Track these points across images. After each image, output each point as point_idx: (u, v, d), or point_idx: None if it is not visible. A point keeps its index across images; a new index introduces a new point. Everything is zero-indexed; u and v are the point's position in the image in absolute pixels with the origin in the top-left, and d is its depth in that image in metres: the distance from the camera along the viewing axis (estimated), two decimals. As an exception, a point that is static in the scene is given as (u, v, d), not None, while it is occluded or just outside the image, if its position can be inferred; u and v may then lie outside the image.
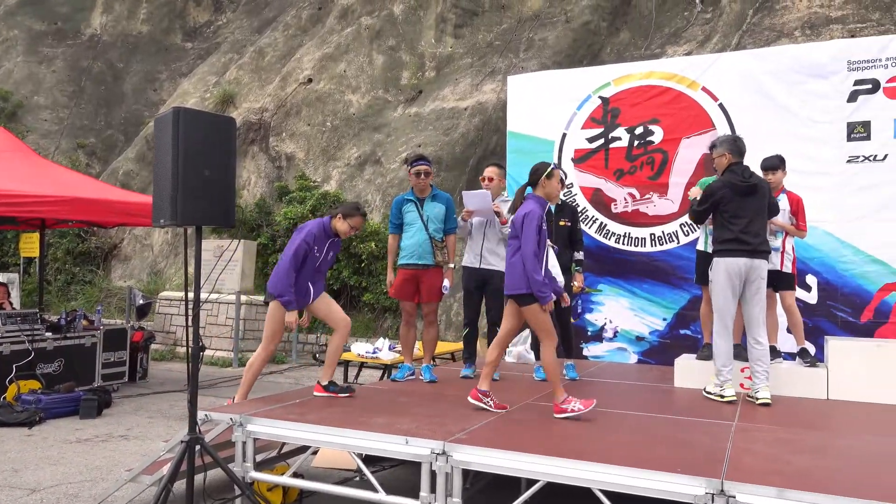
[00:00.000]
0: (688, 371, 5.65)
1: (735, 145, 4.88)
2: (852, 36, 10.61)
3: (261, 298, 11.65)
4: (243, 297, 11.11)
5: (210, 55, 18.53)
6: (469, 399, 4.29)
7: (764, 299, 4.79)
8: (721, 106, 6.88)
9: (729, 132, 6.84)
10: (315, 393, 4.67)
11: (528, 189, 4.29)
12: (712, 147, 5.01)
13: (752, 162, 6.00)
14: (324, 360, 5.27)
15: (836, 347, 5.35)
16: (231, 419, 3.91)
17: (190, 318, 5.56)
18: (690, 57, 7.99)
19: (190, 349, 5.61)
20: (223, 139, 3.74)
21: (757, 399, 4.73)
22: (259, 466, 4.04)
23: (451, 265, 5.59)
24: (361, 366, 7.14)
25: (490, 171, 5.66)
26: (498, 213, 5.54)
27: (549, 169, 4.24)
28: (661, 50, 12.28)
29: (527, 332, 7.05)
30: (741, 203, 4.75)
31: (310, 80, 15.05)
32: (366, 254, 11.50)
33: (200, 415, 3.92)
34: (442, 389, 5.08)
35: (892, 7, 10.99)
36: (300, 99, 14.87)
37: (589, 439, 3.58)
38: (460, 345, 7.49)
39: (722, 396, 4.79)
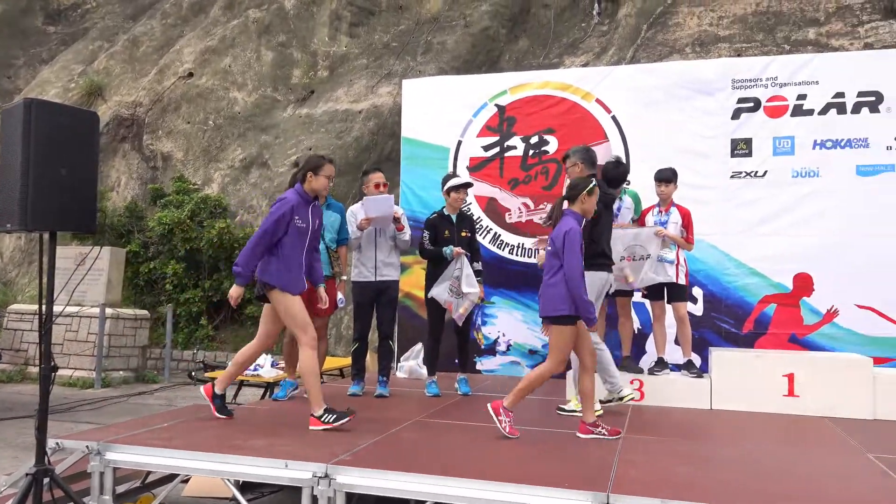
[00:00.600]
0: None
1: (587, 155, 4.99)
2: (738, 55, 11.37)
3: (130, 311, 11.00)
4: (109, 311, 10.42)
5: (76, 41, 17.43)
6: (579, 435, 4.11)
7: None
8: (614, 118, 7.16)
9: (622, 144, 7.14)
10: (311, 427, 4.12)
11: (565, 203, 4.20)
12: (565, 157, 5.11)
13: (644, 174, 6.28)
14: (202, 378, 4.98)
15: (718, 358, 5.66)
16: (87, 447, 3.63)
17: (42, 335, 5.13)
18: (586, 68, 8.30)
19: (41, 369, 5.19)
20: (84, 135, 3.52)
21: (623, 398, 4.94)
22: (120, 498, 3.77)
23: (344, 277, 5.48)
24: (241, 384, 6.86)
25: (381, 177, 5.60)
26: (397, 219, 5.49)
27: (591, 185, 4.18)
28: (559, 60, 12.69)
29: (419, 346, 7.02)
30: (605, 217, 4.88)
31: (190, 75, 14.45)
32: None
33: (51, 443, 3.62)
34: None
35: (775, 29, 11.87)
36: (179, 94, 14.24)
37: (478, 457, 3.58)
38: (349, 360, 7.36)
39: (621, 399, 4.97)
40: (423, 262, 5.71)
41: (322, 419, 4.12)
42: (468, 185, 5.65)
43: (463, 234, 5.60)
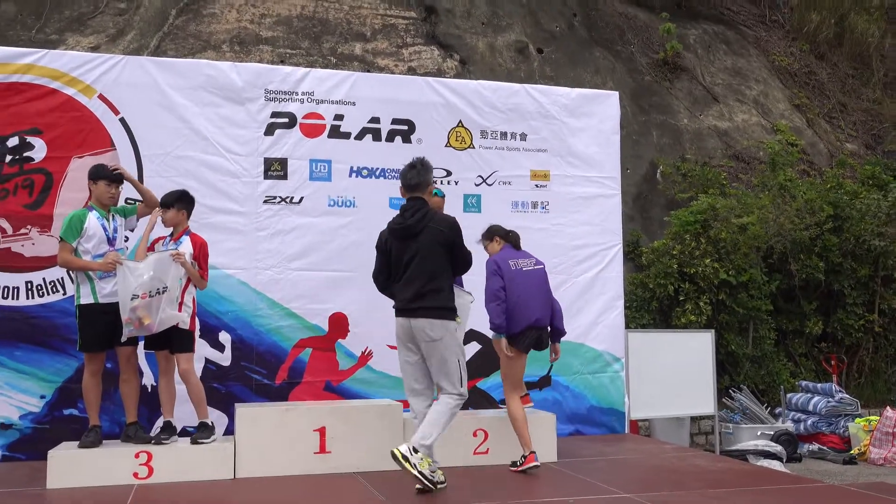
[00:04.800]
0: (69, 465, 5.52)
1: (403, 175, 5.54)
2: (282, 62, 12.25)
3: None
4: None
5: None
6: None
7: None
8: (123, 121, 7.05)
9: (133, 155, 7.07)
10: None
11: None
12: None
13: (159, 194, 6.31)
14: None
15: (243, 416, 5.96)
16: None
17: None
18: (88, 54, 8.02)
19: None
20: None
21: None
22: None
23: None
24: None
25: None
26: None
27: None
28: (59, 37, 12.03)
29: None
30: (401, 250, 5.27)
31: None
32: None
33: None
34: None
35: (321, 39, 13.13)
36: None
37: None
38: None
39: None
40: None
41: None
42: None
43: None
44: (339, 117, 7.58)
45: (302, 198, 7.43)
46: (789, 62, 16.56)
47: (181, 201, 6.08)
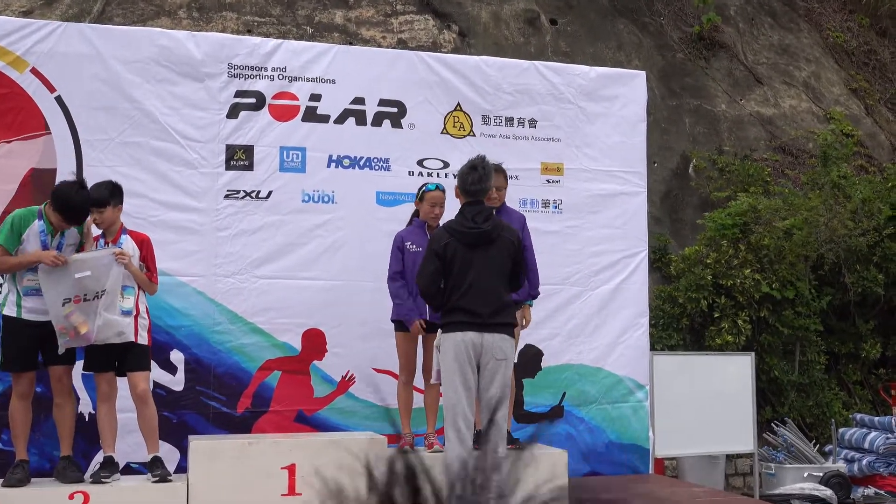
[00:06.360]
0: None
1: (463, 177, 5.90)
2: (249, 31, 12.21)
3: None
4: None
5: None
6: None
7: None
8: (59, 100, 6.99)
9: (71, 140, 7.02)
10: None
11: None
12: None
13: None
14: None
15: (198, 450, 5.93)
16: None
17: None
18: (17, 20, 7.95)
19: None
20: None
21: None
22: None
23: None
24: None
25: None
26: None
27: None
28: (-13, 1, 11.96)
29: None
30: (459, 258, 5.56)
31: None
32: None
33: None
34: None
35: (296, 3, 13.10)
36: None
37: None
38: None
39: None
40: None
41: None
42: None
43: None
44: (315, 97, 7.54)
45: (270, 192, 7.37)
46: (846, 39, 16.59)
47: (115, 195, 6.05)
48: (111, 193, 6.01)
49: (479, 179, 5.91)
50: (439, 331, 6.09)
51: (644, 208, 8.38)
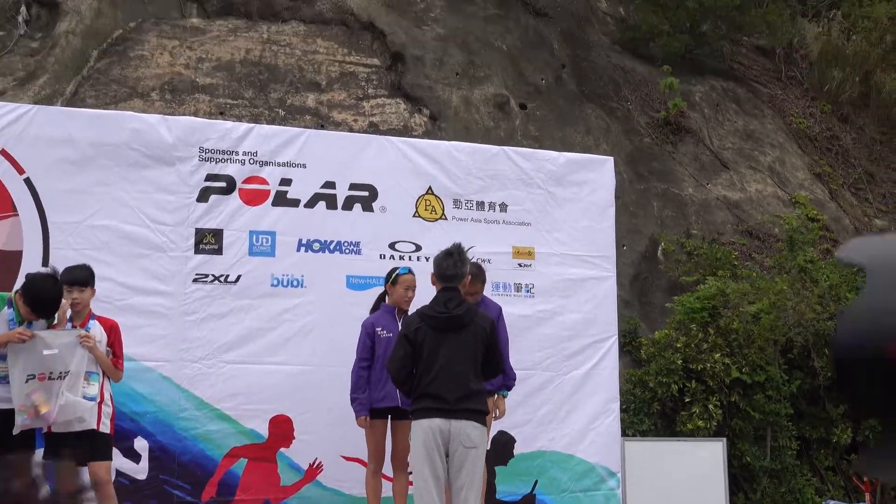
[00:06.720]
0: None
1: (438, 264, 5.93)
2: (221, 113, 12.28)
3: None
4: None
5: None
6: None
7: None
8: (28, 182, 6.96)
9: (38, 223, 6.96)
10: None
11: None
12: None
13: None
14: None
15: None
16: None
17: None
18: (-10, 101, 7.97)
19: None
20: None
21: None
22: None
23: None
24: None
25: None
26: None
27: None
28: (-40, 80, 11.97)
29: None
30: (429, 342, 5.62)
31: None
32: None
33: None
34: None
35: (269, 88, 13.20)
36: None
37: None
38: None
39: None
40: None
41: None
42: None
43: None
44: (286, 182, 7.56)
45: (239, 276, 7.34)
46: (809, 125, 16.93)
47: (93, 277, 6.01)
48: (90, 274, 6.01)
49: (454, 265, 5.97)
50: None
51: (614, 293, 8.41)
